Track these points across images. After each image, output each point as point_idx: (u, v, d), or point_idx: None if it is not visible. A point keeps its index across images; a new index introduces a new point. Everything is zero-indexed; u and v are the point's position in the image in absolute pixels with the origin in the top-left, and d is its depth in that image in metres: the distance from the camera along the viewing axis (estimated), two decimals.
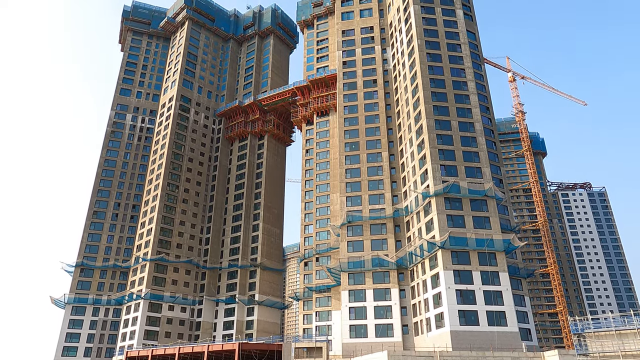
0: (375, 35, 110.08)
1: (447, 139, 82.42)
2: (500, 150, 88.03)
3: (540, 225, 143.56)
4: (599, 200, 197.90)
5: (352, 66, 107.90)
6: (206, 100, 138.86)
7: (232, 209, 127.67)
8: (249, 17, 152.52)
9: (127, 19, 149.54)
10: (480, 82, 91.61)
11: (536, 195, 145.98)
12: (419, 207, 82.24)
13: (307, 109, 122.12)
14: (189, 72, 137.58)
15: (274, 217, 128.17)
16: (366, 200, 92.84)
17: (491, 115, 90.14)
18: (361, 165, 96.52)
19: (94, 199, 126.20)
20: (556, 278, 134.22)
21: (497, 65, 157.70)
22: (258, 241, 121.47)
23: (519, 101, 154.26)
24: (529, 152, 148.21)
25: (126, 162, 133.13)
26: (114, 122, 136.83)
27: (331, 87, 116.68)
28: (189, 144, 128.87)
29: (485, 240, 72.70)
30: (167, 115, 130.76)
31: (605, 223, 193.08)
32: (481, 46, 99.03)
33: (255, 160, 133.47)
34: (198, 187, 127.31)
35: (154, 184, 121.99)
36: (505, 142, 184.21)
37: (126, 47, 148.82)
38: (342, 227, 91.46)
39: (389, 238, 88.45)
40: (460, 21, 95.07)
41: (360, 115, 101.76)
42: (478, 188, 77.40)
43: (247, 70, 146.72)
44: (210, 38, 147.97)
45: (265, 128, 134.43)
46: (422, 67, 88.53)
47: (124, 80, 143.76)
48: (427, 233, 78.16)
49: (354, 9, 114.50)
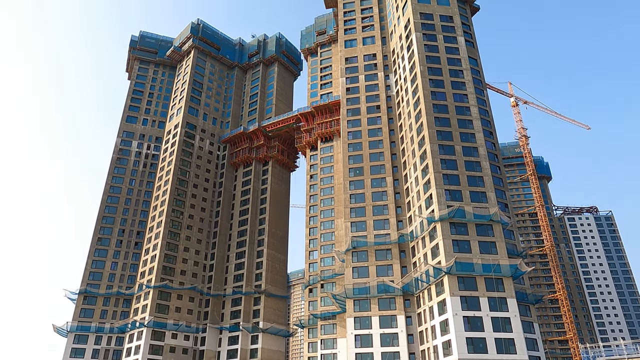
0: (378, 62, 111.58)
1: (451, 164, 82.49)
2: (504, 175, 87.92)
3: (548, 250, 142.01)
4: (606, 225, 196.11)
5: (356, 92, 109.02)
6: (211, 127, 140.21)
7: (237, 235, 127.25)
8: (253, 46, 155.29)
9: (135, 48, 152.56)
10: (483, 107, 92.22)
11: (542, 219, 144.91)
12: (424, 232, 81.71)
13: (311, 135, 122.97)
14: (195, 99, 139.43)
15: (278, 243, 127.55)
16: (371, 225, 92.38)
17: (495, 139, 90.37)
18: (365, 191, 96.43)
19: (99, 226, 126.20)
20: (565, 304, 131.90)
21: (500, 91, 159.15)
22: (262, 267, 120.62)
23: (522, 125, 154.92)
24: (534, 176, 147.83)
25: (131, 189, 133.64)
26: (120, 149, 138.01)
27: (335, 113, 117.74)
28: (194, 170, 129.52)
29: (492, 265, 71.85)
30: (172, 142, 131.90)
31: (613, 247, 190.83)
32: (483, 72, 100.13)
33: (260, 186, 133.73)
34: (202, 213, 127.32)
35: (158, 210, 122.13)
36: (510, 167, 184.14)
37: (133, 76, 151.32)
38: (347, 252, 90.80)
39: (394, 264, 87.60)
40: (462, 48, 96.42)
41: (364, 140, 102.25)
42: (483, 213, 76.96)
43: (252, 97, 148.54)
44: (215, 66, 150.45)
45: (269, 154, 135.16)
46: (425, 93, 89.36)
47: (130, 107, 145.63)
48: (432, 258, 77.40)
49: (356, 37, 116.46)
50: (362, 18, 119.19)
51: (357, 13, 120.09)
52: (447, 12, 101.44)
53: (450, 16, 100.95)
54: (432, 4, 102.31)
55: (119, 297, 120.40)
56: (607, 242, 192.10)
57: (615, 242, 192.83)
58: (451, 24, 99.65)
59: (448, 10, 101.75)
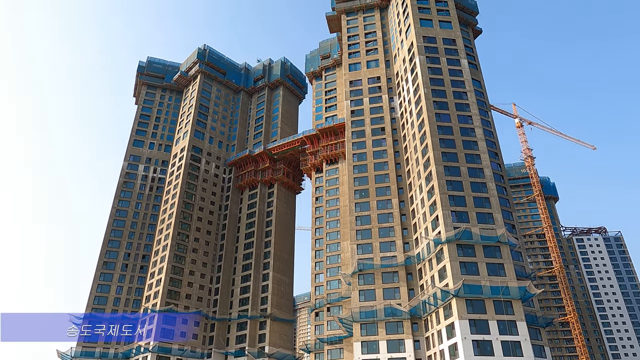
0: (382, 85, 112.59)
1: (457, 185, 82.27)
2: (511, 196, 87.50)
3: (557, 271, 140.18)
4: (615, 245, 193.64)
5: (360, 115, 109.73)
6: (217, 150, 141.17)
7: (242, 258, 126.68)
8: (259, 70, 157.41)
9: (142, 73, 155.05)
10: (488, 128, 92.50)
11: (550, 240, 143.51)
12: (431, 254, 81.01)
13: (316, 157, 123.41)
14: (201, 123, 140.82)
15: (284, 266, 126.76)
16: (377, 247, 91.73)
17: (500, 160, 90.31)
18: (371, 213, 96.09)
19: (105, 250, 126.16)
20: (576, 327, 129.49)
21: (504, 112, 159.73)
22: (268, 291, 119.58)
23: (528, 146, 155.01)
24: (541, 197, 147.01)
25: (137, 212, 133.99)
26: (127, 172, 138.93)
27: (340, 135, 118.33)
28: (200, 193, 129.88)
29: (501, 287, 70.86)
30: (178, 165, 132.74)
31: (623, 269, 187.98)
32: (487, 93, 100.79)
33: (265, 209, 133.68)
34: (208, 236, 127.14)
35: (164, 234, 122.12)
36: (516, 187, 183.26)
37: (140, 100, 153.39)
38: (353, 275, 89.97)
39: (401, 286, 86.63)
40: (465, 70, 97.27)
41: (369, 162, 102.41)
42: (490, 234, 76.35)
43: (257, 120, 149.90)
44: (221, 90, 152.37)
45: (275, 176, 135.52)
46: (429, 115, 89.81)
47: (137, 131, 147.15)
48: (440, 281, 76.51)
49: (360, 61, 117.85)
50: (365, 42, 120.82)
51: (361, 37, 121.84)
52: (449, 35, 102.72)
53: (453, 39, 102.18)
54: (434, 27, 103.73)
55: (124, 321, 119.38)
56: (617, 263, 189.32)
57: (625, 263, 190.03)
58: (454, 47, 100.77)
59: (450, 33, 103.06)
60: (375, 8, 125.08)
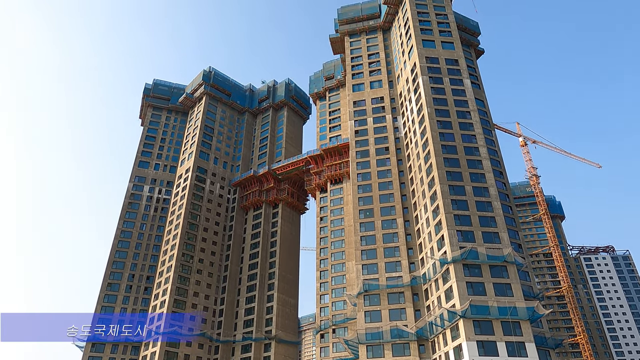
0: (385, 105, 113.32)
1: (462, 204, 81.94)
2: (517, 215, 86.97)
3: (565, 291, 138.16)
4: (623, 264, 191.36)
5: (364, 135, 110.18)
6: (222, 171, 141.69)
7: (247, 278, 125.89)
8: (263, 91, 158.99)
9: (148, 95, 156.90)
10: (492, 147, 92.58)
11: (557, 260, 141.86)
12: (437, 274, 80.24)
13: (320, 177, 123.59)
14: (206, 144, 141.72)
15: (289, 287, 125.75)
16: (382, 268, 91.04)
17: (505, 179, 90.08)
18: (376, 232, 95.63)
19: (109, 271, 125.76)
20: (587, 348, 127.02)
21: (508, 131, 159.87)
22: (273, 312, 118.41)
23: (532, 165, 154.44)
24: (547, 215, 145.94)
25: (142, 233, 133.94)
26: (132, 193, 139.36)
27: (344, 155, 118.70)
28: (204, 214, 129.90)
29: (508, 308, 69.89)
30: (183, 186, 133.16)
31: (633, 288, 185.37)
32: (490, 112, 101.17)
33: (270, 229, 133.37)
34: (213, 257, 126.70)
35: (168, 255, 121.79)
36: (522, 206, 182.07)
37: (146, 122, 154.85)
38: (358, 296, 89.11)
39: (407, 307, 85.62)
40: (468, 89, 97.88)
41: (374, 182, 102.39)
42: (497, 254, 75.68)
43: (262, 140, 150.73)
44: (226, 111, 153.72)
45: (279, 197, 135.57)
46: (433, 134, 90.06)
47: (143, 153, 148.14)
48: (446, 301, 75.58)
49: (364, 81, 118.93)
50: (369, 63, 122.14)
51: (364, 58, 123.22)
52: (452, 55, 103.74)
53: (456, 59, 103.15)
54: (437, 48, 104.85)
55: (127, 344, 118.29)
56: (626, 282, 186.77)
57: (634, 282, 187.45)
58: (457, 67, 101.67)
59: (453, 54, 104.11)
60: (378, 30, 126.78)
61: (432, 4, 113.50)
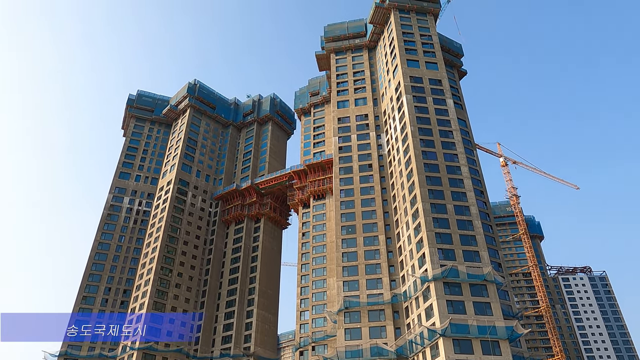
0: (369, 122, 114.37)
1: (443, 223, 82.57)
2: (497, 234, 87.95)
3: (543, 311, 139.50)
4: (600, 285, 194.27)
5: (348, 151, 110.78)
6: (204, 184, 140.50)
7: (226, 294, 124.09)
8: (248, 105, 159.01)
9: (132, 106, 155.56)
10: (473, 166, 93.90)
11: (537, 279, 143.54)
12: (417, 292, 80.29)
13: (303, 192, 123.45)
14: (189, 156, 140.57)
15: (269, 303, 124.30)
16: (364, 285, 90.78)
17: (486, 199, 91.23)
18: (358, 249, 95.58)
19: (85, 284, 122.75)
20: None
21: (489, 151, 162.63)
22: (252, 328, 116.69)
23: (513, 185, 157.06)
24: (526, 235, 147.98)
25: (120, 246, 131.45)
26: (111, 205, 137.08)
27: (327, 171, 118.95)
28: (185, 227, 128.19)
29: (488, 327, 70.18)
30: (164, 199, 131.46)
31: (609, 309, 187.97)
32: (472, 132, 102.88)
33: (251, 244, 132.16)
34: (192, 271, 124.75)
35: (147, 268, 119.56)
36: (502, 226, 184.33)
37: (128, 133, 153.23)
38: (339, 313, 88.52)
39: (387, 325, 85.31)
40: (451, 109, 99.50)
41: (357, 198, 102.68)
42: (477, 272, 76.18)
43: (246, 154, 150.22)
44: (210, 124, 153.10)
45: (261, 211, 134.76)
46: (416, 152, 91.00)
47: (124, 164, 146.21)
48: (427, 319, 75.56)
49: (349, 98, 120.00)
50: (354, 80, 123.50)
51: (350, 76, 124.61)
52: (435, 75, 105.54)
53: (439, 79, 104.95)
54: (421, 68, 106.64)
55: (101, 359, 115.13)
56: (602, 303, 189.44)
57: (610, 302, 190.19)
58: (440, 87, 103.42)
59: (437, 74, 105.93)
60: (364, 48, 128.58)
61: (417, 25, 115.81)
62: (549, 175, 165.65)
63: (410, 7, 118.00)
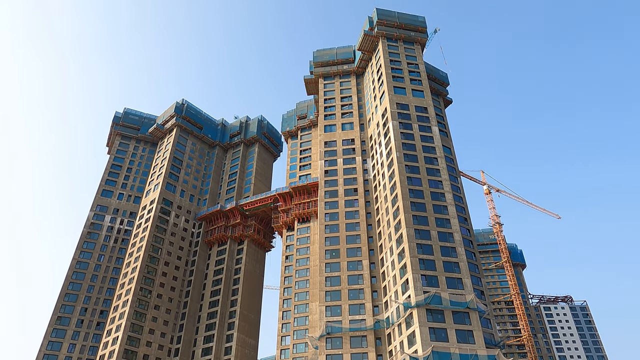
0: (356, 147, 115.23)
1: (427, 249, 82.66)
2: (480, 261, 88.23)
3: (525, 340, 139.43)
4: (581, 315, 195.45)
5: (334, 175, 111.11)
6: (188, 204, 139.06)
7: (206, 317, 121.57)
8: (235, 126, 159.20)
9: (118, 124, 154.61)
10: (458, 193, 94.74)
11: (519, 308, 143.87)
12: (400, 318, 79.68)
13: (288, 215, 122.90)
14: (173, 175, 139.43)
15: (250, 327, 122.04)
16: (346, 310, 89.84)
17: (469, 226, 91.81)
18: (341, 273, 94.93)
19: (60, 304, 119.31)
20: None
21: (473, 179, 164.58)
22: (231, 353, 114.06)
23: (496, 213, 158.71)
24: (509, 263, 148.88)
25: (99, 265, 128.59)
26: (92, 222, 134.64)
27: (313, 194, 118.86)
28: (167, 247, 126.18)
29: (470, 356, 69.71)
30: (147, 218, 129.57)
31: (590, 339, 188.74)
32: (457, 160, 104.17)
33: (234, 266, 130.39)
34: (172, 292, 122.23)
35: (125, 288, 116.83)
36: (485, 253, 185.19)
37: (113, 150, 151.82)
38: (320, 338, 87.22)
39: (369, 352, 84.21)
40: (436, 137, 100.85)
41: (341, 222, 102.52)
42: (460, 300, 76.03)
43: (231, 175, 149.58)
44: (196, 144, 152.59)
45: (245, 233, 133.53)
46: (401, 178, 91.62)
47: (107, 182, 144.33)
48: (409, 347, 74.79)
49: (336, 123, 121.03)
50: (341, 105, 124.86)
51: (337, 100, 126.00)
52: (421, 103, 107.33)
53: (425, 107, 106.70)
54: (407, 95, 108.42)
55: None
56: (583, 332, 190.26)
57: (591, 332, 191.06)
58: (426, 115, 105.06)
59: (423, 102, 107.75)
60: (352, 74, 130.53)
61: (404, 54, 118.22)
62: (532, 204, 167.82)
63: (398, 36, 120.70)
